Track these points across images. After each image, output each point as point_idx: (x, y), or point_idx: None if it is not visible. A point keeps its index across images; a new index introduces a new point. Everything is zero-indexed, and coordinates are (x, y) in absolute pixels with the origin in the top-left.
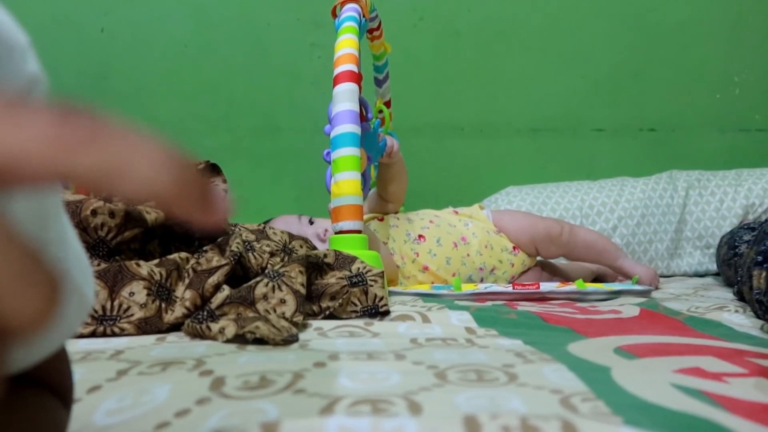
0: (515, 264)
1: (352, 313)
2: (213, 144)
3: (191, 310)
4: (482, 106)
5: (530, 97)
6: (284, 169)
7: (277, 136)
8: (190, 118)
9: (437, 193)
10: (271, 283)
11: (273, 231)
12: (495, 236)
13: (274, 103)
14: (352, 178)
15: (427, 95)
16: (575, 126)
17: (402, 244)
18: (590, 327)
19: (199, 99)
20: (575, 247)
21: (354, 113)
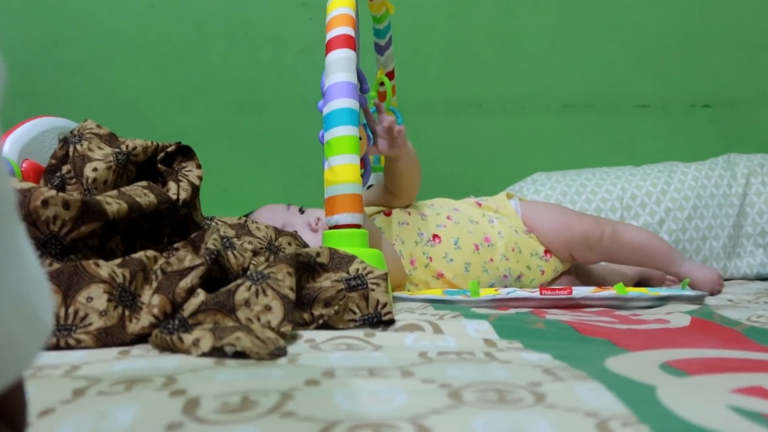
0: (546, 271)
1: (350, 323)
2: (184, 122)
3: (160, 318)
4: (504, 78)
5: (561, 67)
6: (269, 153)
7: (261, 113)
8: (157, 91)
9: (451, 180)
10: (255, 287)
11: (256, 225)
12: (524, 237)
13: (257, 74)
14: (349, 163)
15: (438, 65)
16: (615, 101)
17: (412, 246)
18: (632, 339)
19: (167, 69)
20: (620, 251)
21: (351, 86)
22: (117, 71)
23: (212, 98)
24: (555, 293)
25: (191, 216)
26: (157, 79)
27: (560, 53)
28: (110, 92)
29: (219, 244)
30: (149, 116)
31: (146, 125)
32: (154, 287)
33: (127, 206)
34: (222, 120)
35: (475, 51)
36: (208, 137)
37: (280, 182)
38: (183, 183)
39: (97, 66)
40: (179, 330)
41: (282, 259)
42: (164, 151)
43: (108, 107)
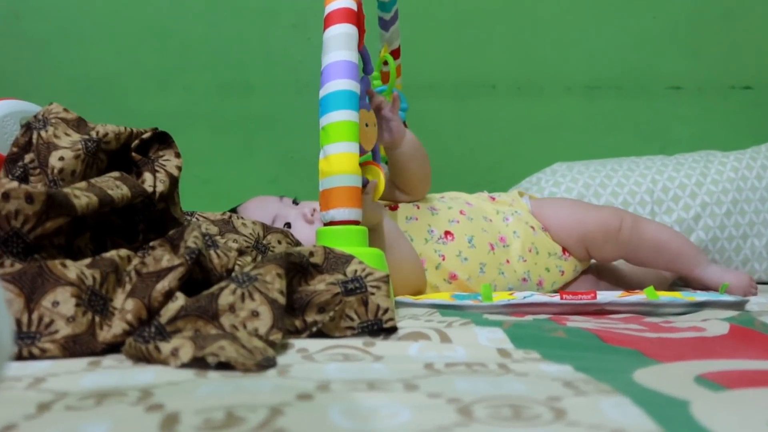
0: (566, 271)
1: (347, 330)
2: (162, 106)
3: (134, 325)
4: (521, 57)
5: (585, 44)
6: (257, 140)
7: (248, 96)
8: (131, 71)
9: (460, 172)
10: (240, 290)
11: (242, 222)
12: (542, 235)
13: (243, 52)
14: (347, 151)
15: (447, 41)
16: (644, 83)
17: (422, 244)
18: (663, 348)
19: (142, 46)
20: (639, 247)
21: (351, 66)
22: (86, 48)
23: (193, 79)
24: (577, 298)
25: (169, 211)
26: (131, 57)
27: (583, 29)
28: (79, 72)
29: (200, 243)
30: (122, 99)
31: (119, 109)
32: (127, 290)
33: (97, 200)
34: (204, 103)
35: (489, 26)
36: (189, 122)
37: (269, 173)
38: (160, 174)
39: (64, 42)
40: (156, 338)
41: (271, 259)
42: (139, 138)
43: (76, 89)
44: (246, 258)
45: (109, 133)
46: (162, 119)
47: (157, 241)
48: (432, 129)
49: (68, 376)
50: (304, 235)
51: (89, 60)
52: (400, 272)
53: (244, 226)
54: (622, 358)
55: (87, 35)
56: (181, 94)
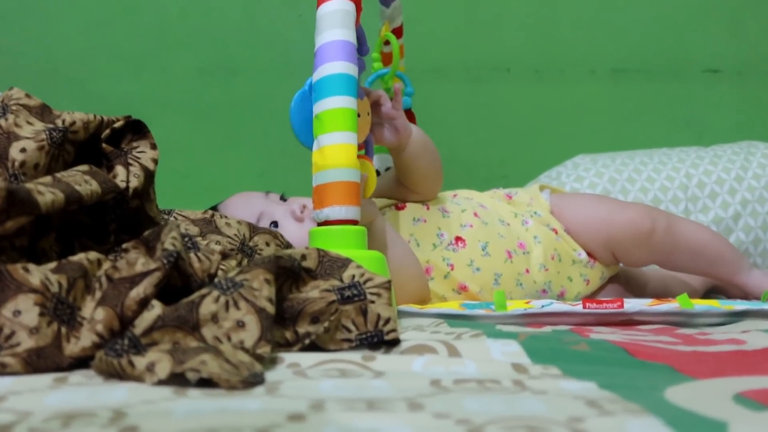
0: (591, 280)
1: (343, 343)
2: (136, 91)
3: (105, 336)
4: (539, 37)
5: (611, 22)
6: (242, 129)
7: (232, 80)
8: (101, 51)
9: (471, 165)
10: (224, 298)
11: (226, 221)
12: (564, 239)
13: (226, 31)
14: (344, 142)
15: (457, 19)
16: (678, 65)
17: (429, 249)
18: (699, 363)
19: (113, 24)
20: (675, 251)
21: (349, 46)
22: (50, 26)
23: (170, 60)
24: (602, 306)
25: (144, 209)
26: (101, 35)
27: (609, 4)
28: (42, 53)
29: (179, 244)
30: (91, 83)
31: (87, 94)
32: (97, 298)
33: (63, 196)
34: (182, 88)
35: (503, 2)
36: (166, 109)
37: (255, 166)
38: (134, 167)
39: (25, 18)
40: (129, 351)
41: (258, 264)
42: (110, 128)
43: (40, 72)
44: (230, 262)
45: (76, 121)
46: (136, 106)
47: (131, 243)
48: (438, 118)
49: (31, 394)
50: (293, 235)
51: (53, 38)
52: (397, 280)
53: (228, 226)
54: (652, 374)
55: (51, 10)
56: (157, 77)
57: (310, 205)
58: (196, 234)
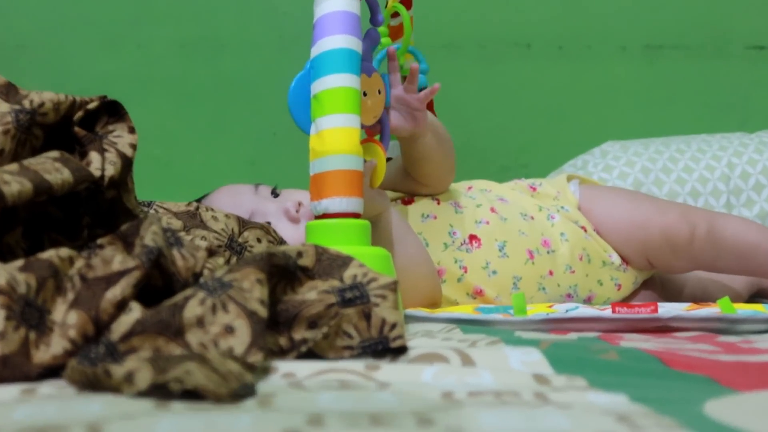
0: (623, 285)
1: (344, 350)
2: (111, 68)
3: (78, 343)
4: (562, 9)
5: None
6: (231, 111)
7: (219, 56)
8: (72, 25)
9: (487, 152)
10: (211, 300)
11: (212, 215)
12: (594, 238)
13: (212, 1)
14: (346, 126)
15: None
16: (719, 41)
17: (440, 250)
18: (742, 375)
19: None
20: (718, 256)
21: (352, 18)
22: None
23: (150, 35)
24: (633, 311)
25: (121, 200)
26: (72, 7)
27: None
28: (6, 26)
29: (161, 240)
30: (62, 60)
31: (58, 72)
32: (69, 300)
33: (31, 186)
34: (164, 65)
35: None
36: (145, 89)
37: (245, 153)
38: (110, 154)
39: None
40: (106, 359)
41: (249, 262)
42: (83, 109)
43: (3, 47)
44: (218, 260)
45: (45, 102)
46: (112, 85)
47: (107, 239)
48: (451, 99)
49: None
50: (287, 238)
51: (19, 10)
52: (407, 280)
53: (215, 220)
54: (689, 386)
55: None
56: (135, 53)
57: (307, 201)
58: (180, 228)
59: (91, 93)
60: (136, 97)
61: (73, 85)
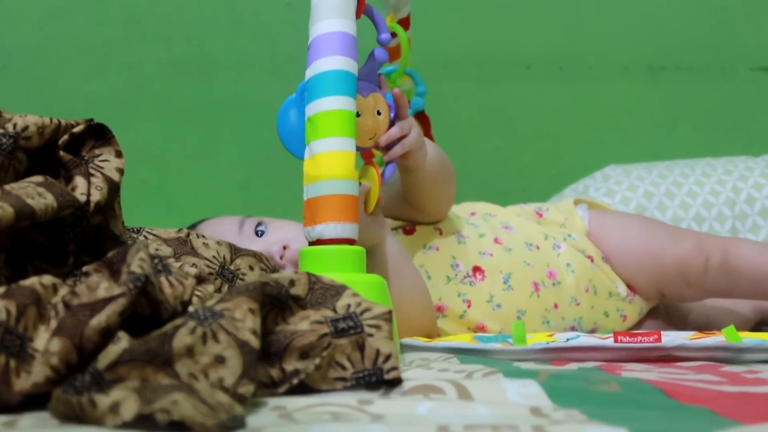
0: (628, 316)
1: (337, 382)
2: (99, 90)
3: (62, 371)
4: (563, 30)
5: (646, 13)
6: (223, 134)
7: (211, 77)
8: (59, 45)
9: (486, 176)
10: (201, 329)
11: (204, 242)
12: (602, 268)
13: (204, 21)
14: (341, 149)
15: (471, 9)
16: (724, 62)
17: (443, 283)
18: (747, 406)
19: (73, 12)
20: (734, 284)
21: (348, 38)
22: (1, 14)
23: (139, 55)
24: (636, 340)
25: (108, 226)
26: (60, 26)
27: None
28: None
29: (148, 267)
30: (48, 81)
31: (43, 94)
32: (52, 327)
33: (13, 212)
34: (153, 86)
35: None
36: (134, 111)
37: (236, 176)
38: (96, 178)
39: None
40: (91, 389)
41: (241, 290)
42: (69, 133)
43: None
44: (208, 287)
45: (30, 126)
46: (100, 107)
47: (93, 266)
48: (450, 121)
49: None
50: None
51: (4, 29)
52: (401, 314)
53: (206, 247)
54: (692, 419)
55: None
56: (124, 74)
57: (294, 243)
58: (169, 255)
59: (79, 115)
60: (125, 119)
61: (60, 107)
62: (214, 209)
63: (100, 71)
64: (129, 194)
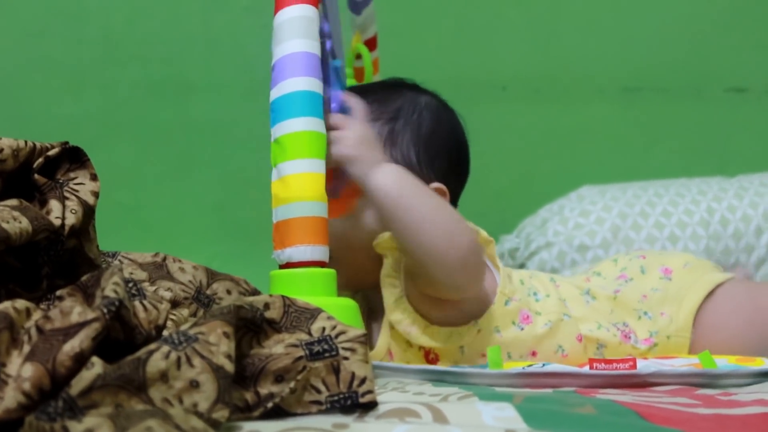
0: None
1: (312, 405)
2: (73, 112)
3: (34, 397)
4: (539, 51)
5: (622, 35)
6: (198, 155)
7: (187, 99)
8: (33, 65)
9: (463, 194)
10: (176, 354)
11: (180, 266)
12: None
13: (180, 43)
14: (311, 171)
15: (444, 30)
16: (698, 84)
17: None
18: (721, 428)
19: (48, 34)
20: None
21: (312, 58)
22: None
23: (115, 76)
24: (611, 367)
25: (82, 250)
26: (35, 48)
27: (620, 15)
28: None
29: (122, 291)
30: (21, 102)
31: (17, 116)
32: (25, 353)
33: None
34: (129, 109)
35: (498, 9)
36: (109, 133)
37: (212, 198)
38: (71, 202)
39: None
40: (64, 415)
41: (216, 315)
42: (44, 156)
43: None
44: (182, 311)
45: (4, 149)
46: (75, 129)
47: (67, 290)
48: None
49: None
50: None
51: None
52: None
53: (182, 272)
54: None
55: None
56: (99, 96)
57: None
58: (144, 279)
59: (54, 137)
60: (100, 140)
61: (35, 129)
62: (189, 232)
63: (75, 93)
64: (104, 217)
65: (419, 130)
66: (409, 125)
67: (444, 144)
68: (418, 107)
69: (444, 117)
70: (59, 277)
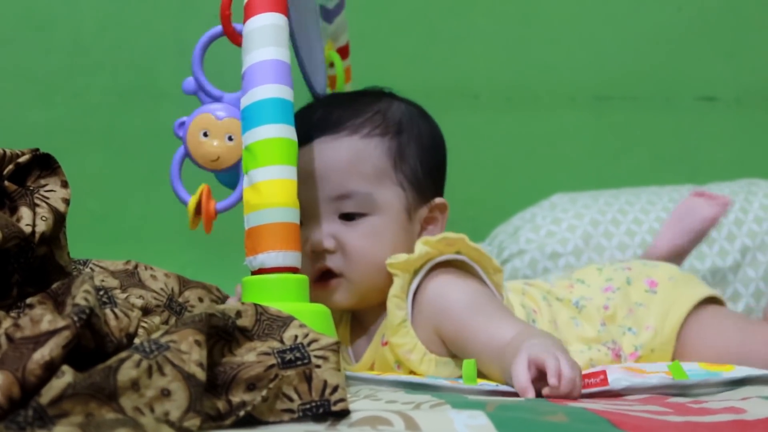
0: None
1: (284, 414)
2: (43, 119)
3: (3, 406)
4: (511, 60)
5: (592, 44)
6: (169, 162)
7: (158, 106)
8: (3, 72)
9: None
10: (147, 362)
11: (152, 274)
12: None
13: (151, 50)
14: (282, 177)
15: (415, 38)
16: (668, 92)
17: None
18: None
19: (17, 41)
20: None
21: (282, 66)
22: None
23: (85, 84)
24: (582, 383)
25: (53, 257)
26: (4, 56)
27: (591, 24)
28: None
29: (93, 299)
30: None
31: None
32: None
33: None
34: (100, 116)
35: (469, 18)
36: (80, 141)
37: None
38: (41, 209)
39: None
40: (34, 425)
41: (188, 323)
42: (14, 163)
43: None
44: (153, 319)
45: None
46: (45, 136)
47: (37, 297)
48: None
49: None
50: None
51: None
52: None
53: (154, 279)
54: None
55: None
56: (69, 103)
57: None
58: (115, 287)
59: (24, 145)
60: (70, 148)
61: (5, 136)
62: (162, 239)
63: (45, 100)
64: (75, 224)
65: (420, 143)
66: (413, 139)
67: (438, 154)
68: (414, 118)
69: (434, 126)
70: (30, 285)
